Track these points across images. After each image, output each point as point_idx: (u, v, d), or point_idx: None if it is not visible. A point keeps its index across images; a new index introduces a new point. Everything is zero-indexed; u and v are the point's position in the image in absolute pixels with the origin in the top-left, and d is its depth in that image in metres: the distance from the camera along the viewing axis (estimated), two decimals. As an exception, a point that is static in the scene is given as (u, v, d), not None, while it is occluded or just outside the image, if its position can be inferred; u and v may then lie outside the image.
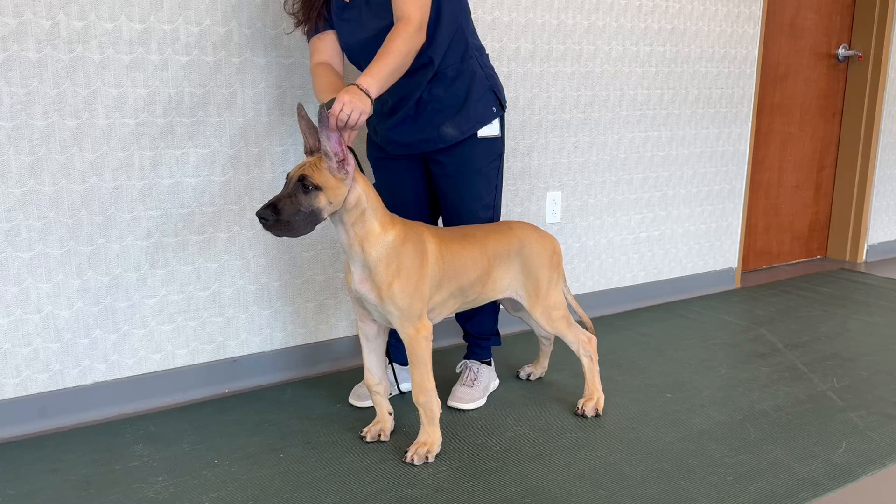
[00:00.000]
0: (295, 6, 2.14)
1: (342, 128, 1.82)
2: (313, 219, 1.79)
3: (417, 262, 1.94)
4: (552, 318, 2.22)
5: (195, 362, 2.41)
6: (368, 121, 2.32)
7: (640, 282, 3.43)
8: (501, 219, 2.85)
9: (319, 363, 2.63)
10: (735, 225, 3.73)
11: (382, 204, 1.93)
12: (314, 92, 2.08)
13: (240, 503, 1.80)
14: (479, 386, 2.41)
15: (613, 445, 2.08)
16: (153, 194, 2.25)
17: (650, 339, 2.97)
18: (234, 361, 2.47)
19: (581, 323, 2.63)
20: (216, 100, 2.30)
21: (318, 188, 1.77)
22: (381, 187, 2.34)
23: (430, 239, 2.01)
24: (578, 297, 3.21)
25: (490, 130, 2.23)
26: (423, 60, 2.10)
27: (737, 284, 3.80)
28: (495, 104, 2.22)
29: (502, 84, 2.29)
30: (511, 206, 2.95)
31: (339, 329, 2.67)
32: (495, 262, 2.14)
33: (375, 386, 2.10)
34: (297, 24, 2.16)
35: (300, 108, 1.84)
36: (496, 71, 2.70)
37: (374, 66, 1.87)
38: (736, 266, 3.78)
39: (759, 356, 2.78)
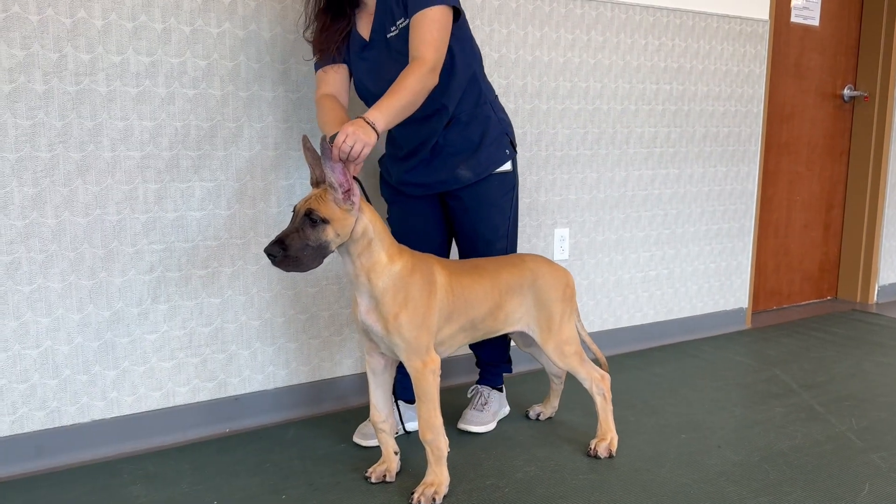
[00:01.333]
0: (314, 35, 2.14)
1: (346, 160, 1.79)
2: (321, 252, 1.76)
3: (425, 294, 1.90)
4: (565, 354, 2.16)
5: (196, 400, 2.35)
6: (381, 163, 2.33)
7: (650, 321, 3.38)
8: (509, 255, 2.81)
9: (323, 402, 2.56)
10: (745, 264, 3.68)
11: (390, 234, 1.89)
12: (319, 124, 2.06)
13: (239, 546, 1.72)
14: (489, 411, 2.38)
15: (629, 487, 2.00)
16: (157, 228, 2.22)
17: (662, 379, 2.90)
18: (236, 400, 2.41)
19: (595, 361, 2.57)
20: (223, 133, 2.28)
21: (325, 221, 1.74)
22: (395, 221, 2.33)
23: (439, 271, 1.97)
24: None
25: (503, 167, 2.25)
26: (437, 107, 2.13)
27: (748, 325, 3.74)
28: (508, 147, 2.26)
29: (510, 121, 2.31)
30: (519, 242, 2.91)
31: (343, 367, 2.61)
32: (507, 295, 2.09)
33: (381, 423, 2.04)
34: (314, 53, 2.16)
35: (305, 139, 1.82)
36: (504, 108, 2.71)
37: (383, 101, 1.86)
38: (746, 306, 3.72)
39: (774, 396, 2.71)
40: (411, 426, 2.35)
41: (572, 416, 2.51)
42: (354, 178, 1.82)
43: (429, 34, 1.93)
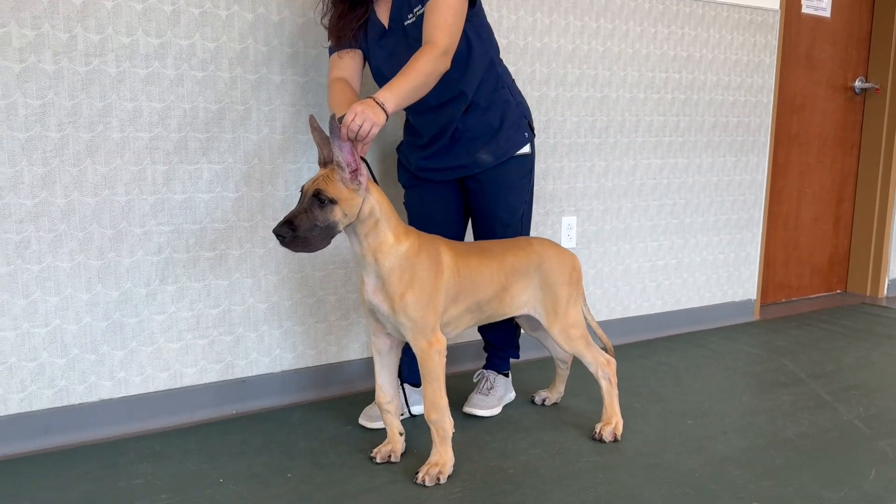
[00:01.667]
0: (331, 21, 2.15)
1: (354, 139, 1.80)
2: (329, 232, 1.77)
3: (432, 274, 1.90)
4: (570, 337, 2.16)
5: (203, 382, 2.36)
6: (400, 151, 2.34)
7: (658, 311, 3.37)
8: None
9: (330, 385, 2.57)
10: (753, 255, 3.67)
11: (396, 214, 1.90)
12: (329, 106, 2.07)
13: (244, 521, 1.73)
14: (494, 395, 2.39)
15: (632, 470, 2.00)
16: (165, 209, 2.23)
17: (669, 368, 2.89)
18: (243, 382, 2.42)
19: (603, 347, 2.56)
20: (231, 116, 2.29)
21: (333, 201, 1.74)
22: (412, 206, 2.35)
23: (445, 252, 1.97)
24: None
25: (523, 149, 2.26)
26: (454, 93, 2.14)
27: (756, 316, 3.72)
28: (527, 130, 2.27)
29: (528, 104, 2.31)
30: (526, 230, 2.91)
31: (350, 351, 2.61)
32: (513, 277, 2.09)
33: (386, 404, 2.04)
34: (330, 38, 2.16)
35: (312, 119, 1.82)
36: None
37: (394, 82, 1.86)
38: (755, 298, 3.71)
39: (782, 385, 2.70)
40: (417, 410, 2.35)
41: (578, 401, 2.50)
42: (361, 158, 1.82)
43: (442, 19, 1.94)
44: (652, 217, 3.28)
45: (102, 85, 2.10)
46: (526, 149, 2.27)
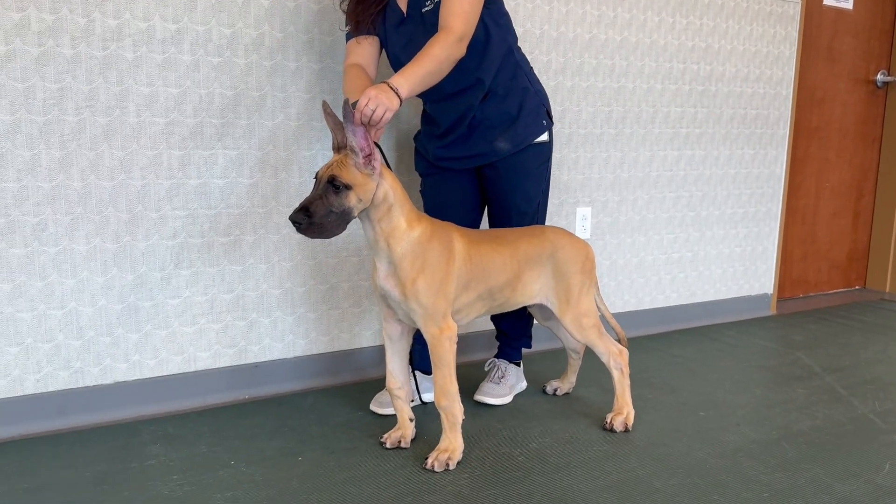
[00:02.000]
0: (350, 6, 2.15)
1: (367, 124, 1.80)
2: (345, 218, 1.77)
3: (443, 260, 1.90)
4: (583, 326, 2.15)
5: (216, 366, 2.38)
6: (417, 140, 2.34)
7: (672, 303, 3.35)
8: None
9: (342, 372, 2.58)
10: (770, 250, 3.63)
11: (409, 200, 1.90)
12: (343, 92, 2.07)
13: (255, 503, 1.74)
14: (505, 384, 2.39)
15: (643, 459, 1.99)
16: (180, 194, 2.24)
17: (682, 360, 2.88)
18: (256, 367, 2.43)
19: (616, 338, 2.55)
20: (246, 102, 2.30)
21: (348, 187, 1.75)
22: (429, 194, 2.35)
23: (458, 238, 1.97)
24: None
25: (541, 137, 2.25)
26: (472, 81, 2.14)
27: (772, 311, 3.69)
28: (545, 118, 2.26)
29: (546, 92, 2.31)
30: (540, 221, 2.90)
31: (362, 338, 2.62)
32: (526, 266, 2.09)
33: (397, 390, 2.05)
34: (348, 23, 2.16)
35: (325, 104, 1.82)
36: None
37: (408, 67, 1.86)
38: (771, 292, 3.67)
39: (797, 379, 2.68)
40: (427, 397, 2.36)
41: (589, 392, 2.50)
42: (375, 143, 1.82)
43: (458, 6, 1.93)
44: (668, 209, 3.26)
45: (119, 70, 2.11)
46: (544, 137, 2.26)
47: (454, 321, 1.96)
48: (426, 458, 1.93)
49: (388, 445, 2.05)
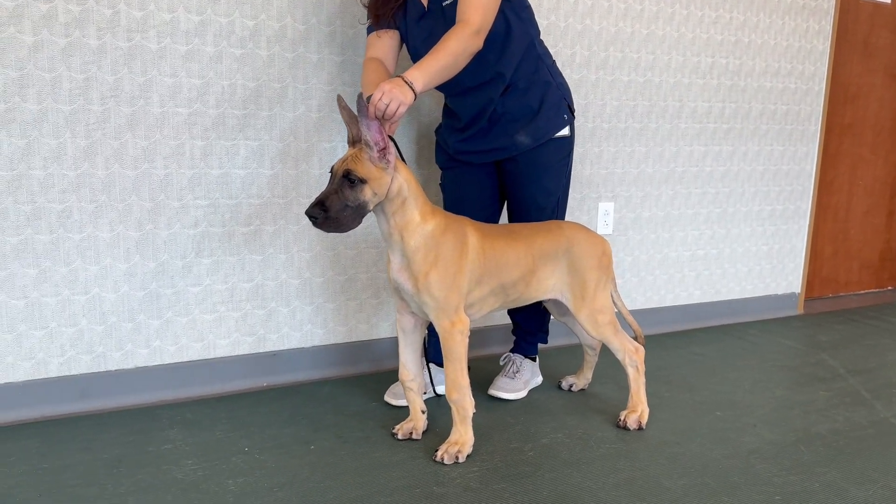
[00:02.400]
0: (371, 0, 2.15)
1: (381, 118, 1.80)
2: (360, 212, 1.78)
3: (456, 254, 1.91)
4: (598, 323, 2.14)
5: (235, 353, 2.42)
6: (438, 133, 2.34)
7: (696, 301, 3.31)
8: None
9: (359, 363, 2.60)
10: (799, 248, 3.57)
11: (424, 194, 1.91)
12: (361, 86, 2.08)
13: (265, 489, 1.77)
14: (520, 379, 2.39)
15: (655, 458, 1.98)
16: (202, 184, 2.28)
17: (703, 359, 2.85)
18: (274, 355, 2.47)
19: (633, 336, 2.54)
20: (268, 94, 2.32)
21: (363, 181, 1.76)
22: (448, 188, 2.36)
23: (472, 233, 1.98)
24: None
25: (562, 132, 2.24)
26: (492, 75, 2.14)
27: (799, 311, 3.63)
28: (566, 112, 2.25)
29: (568, 86, 2.29)
30: (561, 215, 2.89)
31: (380, 329, 2.64)
32: (541, 261, 2.08)
33: (409, 382, 2.06)
34: (369, 17, 2.17)
35: (339, 98, 1.84)
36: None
37: (423, 61, 1.87)
38: (799, 291, 3.61)
39: (819, 380, 2.63)
40: (441, 389, 2.37)
41: (605, 389, 2.49)
42: (389, 137, 1.83)
43: None
44: (693, 205, 3.22)
45: (144, 60, 2.15)
46: (565, 131, 2.25)
47: (467, 315, 1.97)
48: (436, 451, 1.95)
49: (399, 437, 2.06)
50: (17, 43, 2.00)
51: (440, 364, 2.39)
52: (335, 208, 1.75)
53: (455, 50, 1.89)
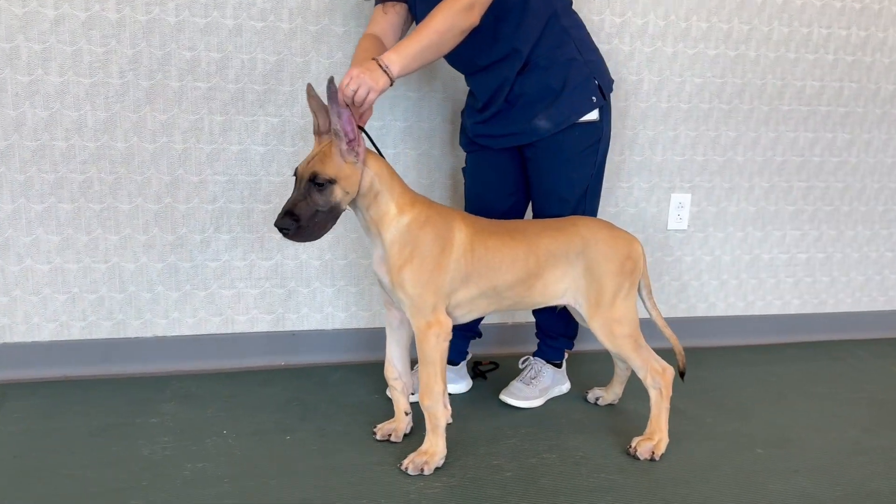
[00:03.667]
0: None
1: (350, 105, 1.65)
2: (334, 214, 1.67)
3: (436, 250, 1.74)
4: (613, 334, 1.89)
5: (254, 330, 2.40)
6: (463, 115, 2.18)
7: (793, 311, 2.88)
8: (603, 217, 2.51)
9: (379, 350, 2.48)
10: (939, 256, 3.00)
11: (401, 184, 1.75)
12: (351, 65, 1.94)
13: (214, 479, 1.73)
14: (537, 386, 2.19)
15: (651, 499, 1.72)
16: (221, 159, 2.26)
17: (777, 381, 2.46)
18: (293, 335, 2.43)
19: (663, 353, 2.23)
20: (289, 68, 2.25)
21: (331, 181, 1.63)
22: (471, 173, 2.19)
23: (460, 227, 1.80)
24: (701, 320, 2.76)
25: (588, 116, 1.98)
26: (507, 51, 1.94)
27: (935, 331, 3.06)
28: (595, 93, 1.99)
29: (603, 64, 2.02)
30: (622, 207, 2.60)
31: (408, 317, 2.52)
32: (548, 263, 1.86)
33: (393, 380, 1.94)
34: None
35: (309, 87, 1.70)
36: (610, 48, 2.40)
37: (403, 42, 1.71)
38: (936, 308, 3.04)
39: (914, 422, 2.19)
40: (447, 389, 2.21)
41: (638, 406, 2.20)
42: (360, 127, 1.69)
43: None
44: (795, 201, 2.78)
45: (162, 34, 2.14)
46: (592, 115, 1.99)
47: (450, 317, 1.80)
48: (404, 459, 1.81)
49: (378, 437, 1.95)
50: (40, 17, 2.06)
51: (446, 362, 2.23)
52: (306, 216, 1.63)
53: (440, 27, 1.70)
